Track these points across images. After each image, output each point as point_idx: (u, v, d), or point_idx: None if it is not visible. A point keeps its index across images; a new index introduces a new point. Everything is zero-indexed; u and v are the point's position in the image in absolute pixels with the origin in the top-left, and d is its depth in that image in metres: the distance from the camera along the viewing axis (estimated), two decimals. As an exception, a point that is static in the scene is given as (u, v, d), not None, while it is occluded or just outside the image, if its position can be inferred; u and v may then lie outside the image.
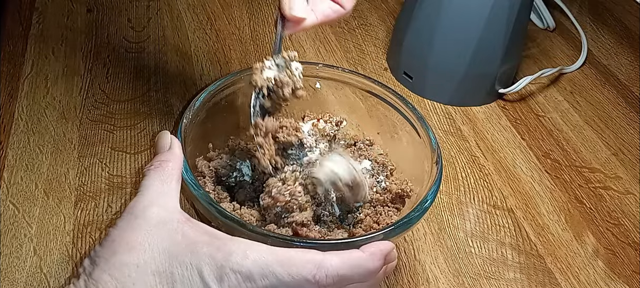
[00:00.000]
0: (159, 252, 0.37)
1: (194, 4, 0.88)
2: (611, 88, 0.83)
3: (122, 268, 0.36)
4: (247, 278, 0.36)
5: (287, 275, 0.37)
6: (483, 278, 0.55)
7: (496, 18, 0.70)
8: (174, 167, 0.42)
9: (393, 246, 0.41)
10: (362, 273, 0.39)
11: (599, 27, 0.96)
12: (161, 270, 0.37)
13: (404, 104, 0.54)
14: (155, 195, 0.40)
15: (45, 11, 0.81)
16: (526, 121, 0.75)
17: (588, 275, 0.57)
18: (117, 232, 0.38)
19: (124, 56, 0.76)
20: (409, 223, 0.44)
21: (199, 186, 0.43)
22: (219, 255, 0.37)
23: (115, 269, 0.36)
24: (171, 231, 0.38)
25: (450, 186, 0.64)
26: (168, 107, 0.69)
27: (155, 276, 0.36)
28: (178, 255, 0.37)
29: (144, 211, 0.39)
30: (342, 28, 0.88)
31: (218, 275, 0.36)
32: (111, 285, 0.36)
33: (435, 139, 0.50)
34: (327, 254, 0.38)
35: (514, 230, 0.60)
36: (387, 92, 0.55)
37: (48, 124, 0.64)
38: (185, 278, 0.37)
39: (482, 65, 0.73)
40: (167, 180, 0.41)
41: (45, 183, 0.58)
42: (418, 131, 0.52)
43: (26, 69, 0.71)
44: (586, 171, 0.69)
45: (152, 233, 0.38)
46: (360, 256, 0.39)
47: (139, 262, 0.37)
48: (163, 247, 0.37)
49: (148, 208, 0.39)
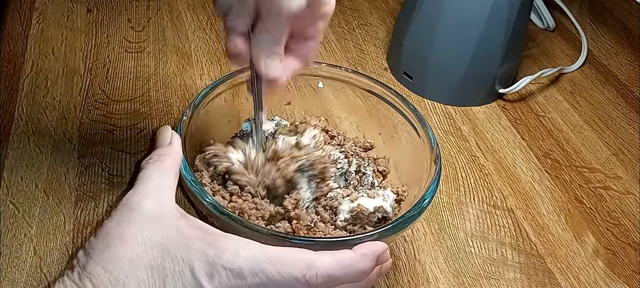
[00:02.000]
0: (151, 246, 0.37)
1: (194, 4, 0.88)
2: (611, 88, 0.83)
3: (115, 262, 0.36)
4: (238, 276, 0.37)
5: (277, 274, 0.37)
6: (483, 278, 0.55)
7: (496, 18, 0.70)
8: (173, 162, 0.42)
9: (386, 247, 0.41)
10: (353, 274, 0.39)
11: (599, 27, 0.96)
12: (154, 264, 0.37)
13: (404, 103, 0.54)
14: (152, 188, 0.40)
15: (45, 11, 0.81)
16: (526, 121, 0.75)
17: (588, 275, 0.57)
18: (112, 224, 0.39)
19: (124, 56, 0.76)
20: (405, 222, 0.43)
21: (196, 182, 0.43)
22: (211, 251, 0.37)
23: (109, 262, 0.37)
24: (165, 226, 0.38)
25: (450, 186, 0.64)
26: (168, 107, 0.69)
27: (148, 270, 0.37)
28: (171, 250, 0.37)
29: (139, 204, 0.39)
30: (342, 28, 0.88)
31: (209, 271, 0.37)
32: (104, 278, 0.36)
33: (434, 138, 0.50)
34: (319, 254, 0.38)
35: (514, 230, 0.60)
36: (388, 92, 0.55)
37: (48, 124, 0.64)
38: (176, 273, 0.37)
39: (482, 65, 0.74)
40: (164, 175, 0.41)
41: (45, 183, 0.58)
42: (418, 131, 0.52)
43: (26, 69, 0.71)
44: (586, 171, 0.69)
45: (146, 227, 0.38)
46: (352, 256, 0.39)
47: (132, 255, 0.37)
48: (156, 241, 0.37)
49: (143, 201, 0.39)
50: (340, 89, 0.57)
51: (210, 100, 0.52)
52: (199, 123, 0.50)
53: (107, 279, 0.36)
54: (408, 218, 0.44)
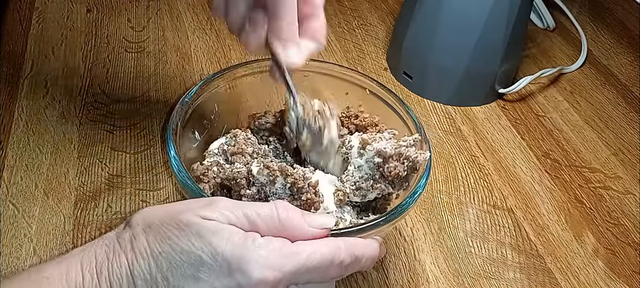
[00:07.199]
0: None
1: (194, 4, 0.88)
2: (611, 88, 0.83)
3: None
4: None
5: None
6: (483, 278, 0.55)
7: (496, 18, 0.70)
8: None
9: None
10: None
11: (599, 27, 0.96)
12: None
13: (394, 99, 0.53)
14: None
15: (45, 11, 0.81)
16: (526, 121, 0.75)
17: (588, 275, 0.57)
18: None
19: (124, 56, 0.76)
20: (398, 213, 0.43)
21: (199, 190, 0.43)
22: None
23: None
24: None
25: (450, 186, 0.64)
26: (168, 107, 0.69)
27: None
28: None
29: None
30: (342, 28, 0.88)
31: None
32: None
33: (418, 122, 0.50)
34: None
35: (514, 230, 0.60)
36: (383, 91, 0.54)
37: (48, 124, 0.64)
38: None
39: (482, 65, 0.74)
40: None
41: (45, 183, 0.58)
42: (408, 125, 0.52)
43: (26, 69, 0.71)
44: (586, 171, 0.69)
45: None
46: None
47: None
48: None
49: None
50: (339, 88, 0.57)
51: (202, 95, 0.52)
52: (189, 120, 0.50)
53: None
54: (401, 209, 0.43)
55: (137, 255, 0.35)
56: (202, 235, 0.34)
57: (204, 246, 0.34)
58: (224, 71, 0.53)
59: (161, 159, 0.62)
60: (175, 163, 0.44)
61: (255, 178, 0.46)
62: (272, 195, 0.46)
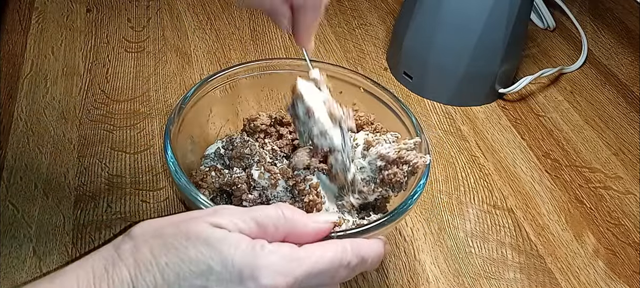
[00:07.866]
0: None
1: (194, 4, 0.87)
2: (611, 88, 0.83)
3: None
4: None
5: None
6: (483, 278, 0.55)
7: (496, 18, 0.70)
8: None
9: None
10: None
11: (599, 27, 0.96)
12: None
13: (389, 96, 0.53)
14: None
15: (45, 11, 0.81)
16: (526, 121, 0.75)
17: (588, 275, 0.57)
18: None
19: (123, 56, 0.76)
20: (398, 214, 0.43)
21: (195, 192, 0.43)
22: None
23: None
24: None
25: (450, 186, 0.64)
26: (168, 107, 0.69)
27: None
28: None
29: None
30: (342, 28, 0.88)
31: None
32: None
33: (416, 121, 0.51)
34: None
35: (514, 230, 0.60)
36: (378, 89, 0.54)
37: (48, 124, 0.64)
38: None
39: (482, 65, 0.73)
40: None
41: (44, 183, 0.57)
42: (407, 128, 0.52)
43: (26, 69, 0.71)
44: (586, 171, 0.69)
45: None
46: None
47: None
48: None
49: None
50: (338, 89, 0.57)
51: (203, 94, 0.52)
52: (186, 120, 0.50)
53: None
54: (396, 214, 0.43)
55: (140, 267, 0.33)
56: (210, 243, 0.33)
57: (214, 255, 0.33)
58: (218, 73, 0.53)
59: (161, 159, 0.62)
60: (174, 167, 0.44)
61: (257, 182, 0.46)
62: (274, 199, 0.46)
